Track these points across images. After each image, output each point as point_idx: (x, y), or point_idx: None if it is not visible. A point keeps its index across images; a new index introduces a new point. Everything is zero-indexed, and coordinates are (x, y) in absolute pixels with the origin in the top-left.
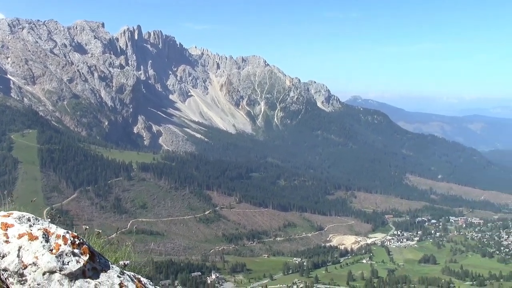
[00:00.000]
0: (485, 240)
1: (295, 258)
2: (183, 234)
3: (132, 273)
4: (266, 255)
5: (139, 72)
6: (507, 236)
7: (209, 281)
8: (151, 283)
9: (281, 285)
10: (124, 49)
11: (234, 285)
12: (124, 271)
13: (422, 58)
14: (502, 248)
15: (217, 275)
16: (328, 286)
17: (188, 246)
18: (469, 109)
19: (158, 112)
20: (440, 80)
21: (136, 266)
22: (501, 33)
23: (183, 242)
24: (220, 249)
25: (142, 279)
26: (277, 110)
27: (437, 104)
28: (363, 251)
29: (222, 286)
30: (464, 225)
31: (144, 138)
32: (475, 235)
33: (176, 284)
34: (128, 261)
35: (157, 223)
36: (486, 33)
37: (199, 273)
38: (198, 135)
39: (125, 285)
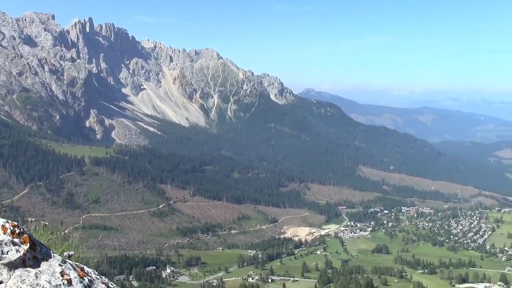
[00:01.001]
0: (435, 229)
1: (250, 251)
2: (137, 229)
3: (76, 263)
4: (221, 248)
5: (91, 65)
6: (456, 225)
7: (164, 275)
8: (95, 272)
9: (236, 278)
10: (76, 42)
11: (189, 278)
12: (67, 260)
13: (374, 51)
14: (451, 237)
15: (172, 269)
16: (283, 278)
17: (142, 240)
18: (420, 101)
19: (111, 106)
20: (391, 73)
21: (83, 257)
22: (448, 28)
23: (137, 236)
24: (174, 242)
25: (86, 268)
26: (230, 103)
27: (388, 96)
28: (317, 243)
29: (177, 280)
30: (416, 215)
31: (97, 132)
32: (426, 224)
33: (130, 279)
34: (72, 252)
35: (110, 217)
36: (435, 27)
37: (154, 267)
38: (151, 129)
39: (66, 273)
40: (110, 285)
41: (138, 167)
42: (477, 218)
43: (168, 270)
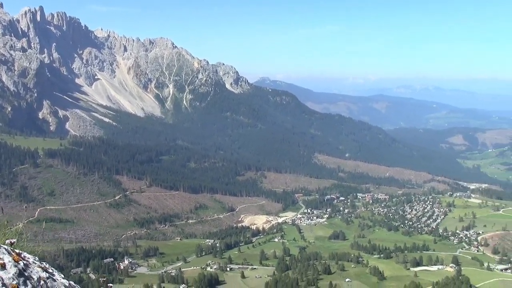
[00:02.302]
0: (390, 214)
1: (207, 240)
2: (94, 221)
3: (11, 248)
4: (179, 238)
5: (43, 56)
6: (410, 210)
7: (122, 267)
8: (36, 258)
9: (194, 267)
10: (26, 31)
11: (147, 269)
12: (1, 245)
13: (329, 40)
14: (406, 222)
15: (130, 260)
16: (242, 266)
17: (99, 232)
18: (374, 89)
19: (64, 97)
20: (346, 62)
21: (28, 246)
22: (401, 16)
23: (94, 228)
24: (132, 234)
25: (24, 254)
26: (186, 93)
27: (343, 84)
28: (275, 230)
29: (135, 271)
30: (371, 201)
31: (50, 124)
32: (381, 210)
33: (88, 271)
34: (14, 240)
35: (66, 210)
36: (388, 17)
37: (112, 259)
38: (106, 119)
39: (0, 258)
40: (49, 269)
41: (94, 159)
42: (430, 203)
43: (126, 262)
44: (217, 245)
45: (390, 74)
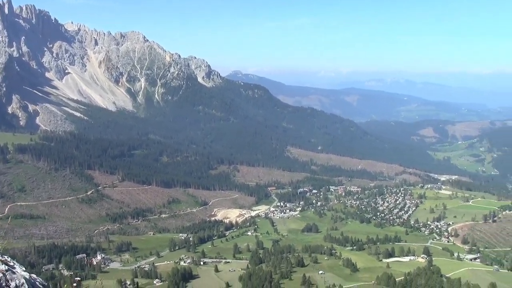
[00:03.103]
0: (363, 207)
1: (181, 234)
2: (66, 216)
3: None
4: (152, 233)
5: (12, 49)
6: (382, 202)
7: (95, 262)
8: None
9: (168, 262)
10: None
11: (120, 264)
12: None
13: (300, 33)
14: (378, 214)
15: (103, 255)
16: (215, 260)
17: (71, 228)
18: (346, 82)
19: (34, 91)
20: (318, 55)
21: None
22: (372, 10)
23: (66, 224)
24: (104, 229)
25: None
26: (157, 87)
27: (315, 78)
28: (248, 224)
29: (108, 267)
30: (344, 194)
31: (20, 119)
32: (354, 202)
33: (60, 267)
34: None
35: (37, 206)
36: (359, 10)
37: (84, 255)
38: (78, 114)
39: None
40: (10, 263)
41: (65, 154)
42: (402, 195)
43: (99, 257)
44: (191, 239)
45: (361, 67)
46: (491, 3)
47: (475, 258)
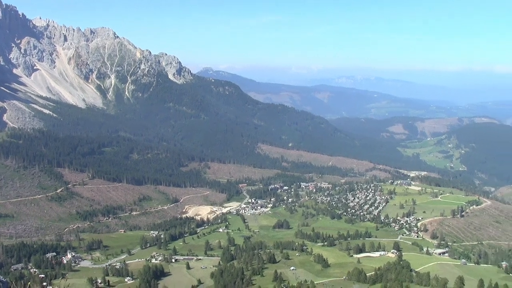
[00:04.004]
0: (333, 203)
1: (152, 232)
2: (35, 215)
3: None
4: (123, 230)
5: None
6: (353, 198)
7: (65, 261)
8: None
9: (139, 260)
10: None
11: (91, 262)
12: None
13: (271, 30)
14: (349, 210)
15: (73, 254)
16: (187, 257)
17: (40, 226)
18: (316, 79)
19: (1, 88)
20: (289, 52)
21: None
22: (342, 8)
23: (35, 222)
24: (74, 227)
25: None
26: (128, 83)
27: (286, 74)
28: (219, 221)
29: (79, 265)
30: (314, 190)
31: None
32: (325, 199)
33: (29, 267)
34: None
35: (5, 204)
36: (329, 7)
37: (54, 253)
38: (46, 111)
39: None
40: None
41: (34, 151)
42: (372, 191)
43: (69, 256)
44: (162, 236)
45: (332, 64)
46: (458, 3)
47: (443, 253)
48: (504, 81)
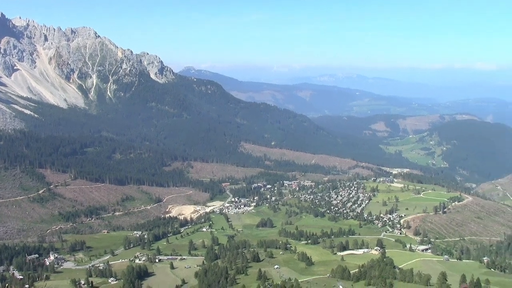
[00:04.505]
0: (317, 201)
1: (135, 232)
2: (17, 216)
3: None
4: (106, 231)
5: None
6: (336, 196)
7: (47, 263)
8: None
9: (123, 260)
10: None
11: (74, 264)
12: None
13: (253, 29)
14: (332, 208)
15: (56, 255)
16: (171, 257)
17: (22, 228)
18: (298, 78)
19: None
20: (271, 50)
21: None
22: (324, 6)
23: (17, 224)
24: (57, 228)
25: None
26: (109, 83)
27: (268, 73)
28: (203, 220)
29: (61, 267)
30: (297, 188)
31: None
32: (308, 197)
33: (11, 269)
34: None
35: None
36: (311, 6)
37: (36, 255)
38: (27, 112)
39: None
40: None
41: (15, 152)
42: (355, 189)
43: (52, 257)
44: (145, 236)
45: (314, 62)
46: (439, 2)
47: (426, 249)
48: (485, 79)
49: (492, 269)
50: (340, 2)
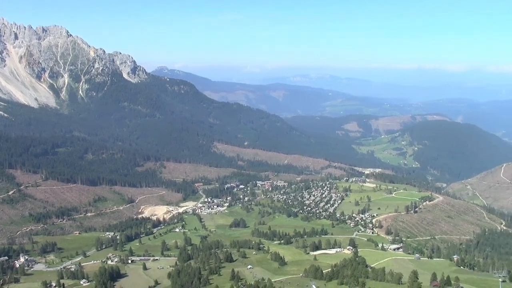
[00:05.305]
0: (289, 201)
1: (107, 233)
2: None
3: None
4: (78, 232)
5: None
6: (309, 196)
7: (17, 265)
8: None
9: (95, 261)
10: None
11: (45, 266)
12: None
13: (226, 29)
14: (304, 207)
15: (26, 257)
16: (143, 258)
17: None
18: (271, 78)
19: None
20: (244, 50)
21: None
22: (296, 7)
23: None
24: (27, 230)
25: None
26: (81, 82)
27: (241, 73)
28: (176, 220)
29: (32, 269)
30: (270, 189)
31: None
32: (281, 197)
33: None
34: None
35: None
36: (281, 6)
37: (6, 257)
38: None
39: None
40: None
41: None
42: (328, 189)
43: (22, 259)
44: (118, 237)
45: (287, 62)
46: (409, 3)
47: (398, 248)
48: (455, 80)
49: (461, 267)
50: (312, 3)
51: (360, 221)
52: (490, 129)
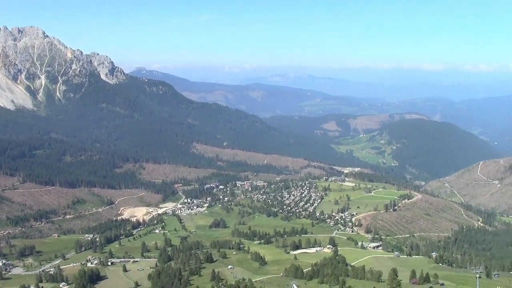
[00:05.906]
0: (269, 201)
1: (87, 235)
2: None
3: None
4: (56, 235)
5: None
6: (288, 196)
7: None
8: None
9: (74, 264)
10: None
11: (23, 269)
12: None
13: (204, 29)
14: (284, 207)
15: (4, 261)
16: (123, 260)
17: None
18: (250, 78)
19: None
20: (222, 51)
21: None
22: (272, 6)
23: None
24: (5, 233)
25: None
26: (59, 84)
27: (220, 73)
28: (155, 222)
29: (10, 273)
30: (250, 189)
31: None
32: (261, 197)
33: None
34: None
35: None
36: (259, 6)
37: None
38: None
39: None
40: None
41: None
42: (307, 188)
43: (0, 263)
44: (97, 239)
45: (265, 62)
46: (388, 3)
47: (377, 246)
48: (432, 79)
49: (440, 264)
50: (288, 3)
51: (339, 220)
52: (467, 128)
